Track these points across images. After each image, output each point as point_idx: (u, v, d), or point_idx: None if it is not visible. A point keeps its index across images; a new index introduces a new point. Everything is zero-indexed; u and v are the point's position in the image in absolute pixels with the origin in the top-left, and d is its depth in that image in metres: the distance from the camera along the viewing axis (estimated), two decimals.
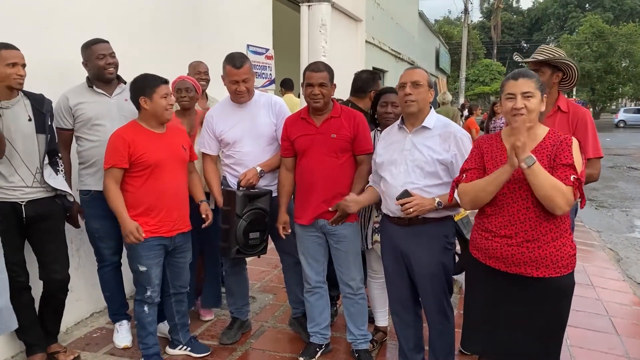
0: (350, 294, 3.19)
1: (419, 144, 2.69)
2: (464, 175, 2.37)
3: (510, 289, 2.26)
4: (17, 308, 2.98)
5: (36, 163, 2.94)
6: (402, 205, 2.58)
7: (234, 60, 3.17)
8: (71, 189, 3.18)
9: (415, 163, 2.67)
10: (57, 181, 3.03)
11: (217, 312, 3.97)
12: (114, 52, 3.30)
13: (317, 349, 3.30)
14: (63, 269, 3.14)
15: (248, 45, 6.33)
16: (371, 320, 3.50)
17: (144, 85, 2.95)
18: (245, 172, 3.22)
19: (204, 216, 3.23)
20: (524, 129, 2.09)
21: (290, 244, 3.33)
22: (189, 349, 3.32)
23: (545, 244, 2.19)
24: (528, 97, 2.18)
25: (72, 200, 3.13)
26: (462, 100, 24.33)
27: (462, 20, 30.94)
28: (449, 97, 10.85)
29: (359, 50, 11.42)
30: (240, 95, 3.24)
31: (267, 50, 6.81)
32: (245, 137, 3.28)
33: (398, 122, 2.84)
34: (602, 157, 2.98)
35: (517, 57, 3.64)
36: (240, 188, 3.18)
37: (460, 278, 4.47)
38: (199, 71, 4.03)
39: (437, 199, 2.60)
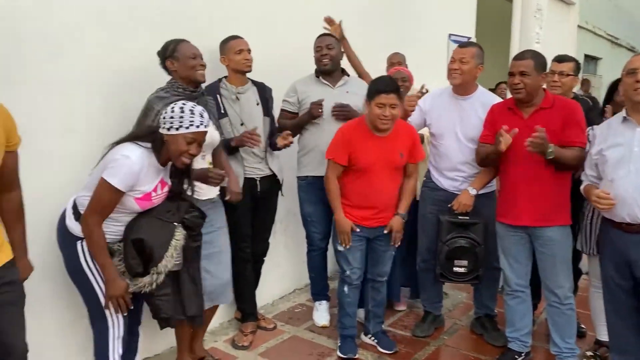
0: (556, 302, 2.92)
1: None
2: None
3: None
4: (241, 279, 3.33)
5: (263, 144, 3.20)
6: None
7: None
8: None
9: None
10: (276, 166, 3.33)
11: (410, 304, 3.98)
12: (331, 45, 3.40)
13: (516, 356, 3.10)
14: (265, 241, 3.49)
15: (450, 35, 6.19)
16: (580, 334, 3.19)
17: (370, 88, 2.91)
18: (458, 198, 3.13)
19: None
20: None
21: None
22: (376, 340, 3.35)
23: None
24: None
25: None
26: None
27: None
28: None
29: (570, 35, 10.44)
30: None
31: (468, 39, 6.57)
32: (448, 132, 3.20)
33: (621, 113, 2.50)
34: None
35: None
36: (454, 212, 3.13)
37: None
38: (397, 62, 4.06)
39: None
